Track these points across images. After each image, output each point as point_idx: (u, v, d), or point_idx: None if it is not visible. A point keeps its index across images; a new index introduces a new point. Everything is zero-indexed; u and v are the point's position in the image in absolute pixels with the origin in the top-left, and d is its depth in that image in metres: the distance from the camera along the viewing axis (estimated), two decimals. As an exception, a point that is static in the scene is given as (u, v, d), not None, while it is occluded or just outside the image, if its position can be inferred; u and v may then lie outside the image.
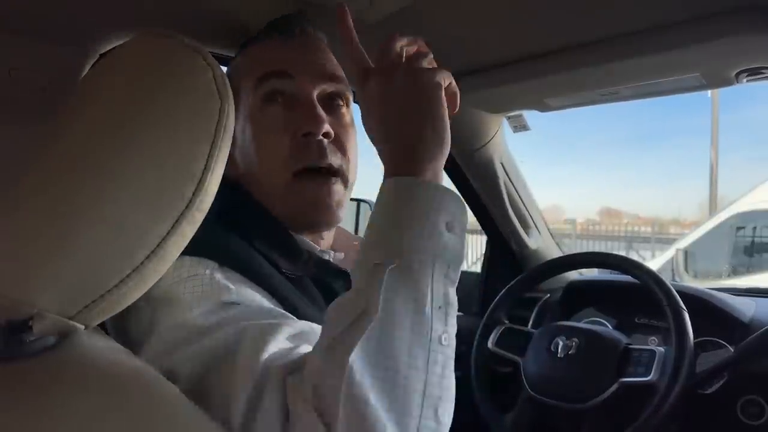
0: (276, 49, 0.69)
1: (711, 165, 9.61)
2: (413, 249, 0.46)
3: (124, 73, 0.45)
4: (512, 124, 1.30)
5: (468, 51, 1.00)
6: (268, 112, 0.67)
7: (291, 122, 0.65)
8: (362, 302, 0.45)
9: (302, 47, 0.70)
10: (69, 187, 0.41)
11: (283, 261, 0.64)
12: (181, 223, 0.43)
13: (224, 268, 0.58)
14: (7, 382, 0.38)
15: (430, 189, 0.49)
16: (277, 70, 0.67)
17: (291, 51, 0.69)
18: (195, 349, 0.51)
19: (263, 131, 0.67)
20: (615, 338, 1.06)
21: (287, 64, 0.67)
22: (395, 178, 0.50)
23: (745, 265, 4.44)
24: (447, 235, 0.48)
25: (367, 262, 0.46)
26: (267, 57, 0.69)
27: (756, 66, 0.83)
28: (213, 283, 0.56)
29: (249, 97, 0.68)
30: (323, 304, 0.66)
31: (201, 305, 0.53)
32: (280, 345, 0.49)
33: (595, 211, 23.22)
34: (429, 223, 0.47)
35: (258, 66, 0.68)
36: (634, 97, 1.03)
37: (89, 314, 0.42)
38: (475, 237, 8.16)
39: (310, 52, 0.70)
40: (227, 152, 0.47)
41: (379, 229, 0.49)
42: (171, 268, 0.55)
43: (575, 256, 1.34)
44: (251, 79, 0.68)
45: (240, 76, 0.70)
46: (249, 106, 0.68)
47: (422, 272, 0.46)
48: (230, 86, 0.68)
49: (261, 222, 0.68)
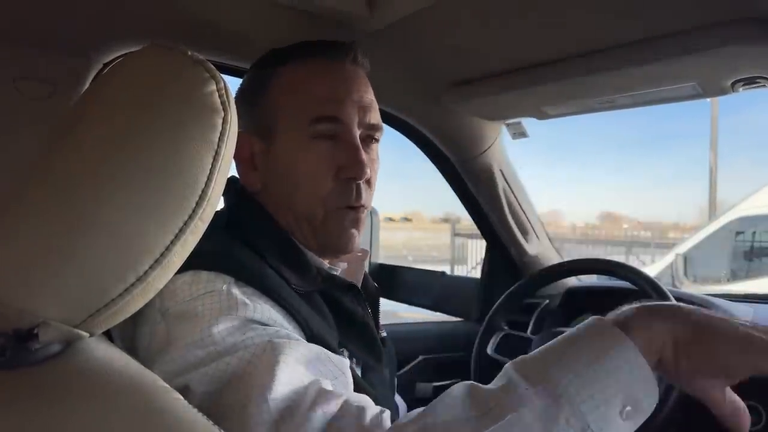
0: (327, 83, 0.70)
1: (710, 169, 9.62)
2: (570, 400, 0.43)
3: (128, 84, 0.46)
4: (511, 131, 1.31)
5: (467, 60, 1.01)
6: (314, 148, 0.69)
7: (335, 161, 0.69)
8: (492, 404, 0.44)
9: (352, 82, 0.71)
10: (73, 196, 0.41)
11: (293, 276, 0.65)
12: (184, 233, 0.44)
13: (240, 282, 0.58)
14: (14, 390, 0.38)
15: (625, 359, 0.45)
16: (330, 116, 0.69)
17: (341, 85, 0.70)
18: (212, 370, 0.51)
19: (308, 165, 0.69)
20: (613, 344, 1.06)
21: (339, 109, 0.69)
22: (603, 322, 0.49)
23: (744, 270, 4.44)
24: (616, 418, 0.44)
25: (522, 376, 0.46)
26: (319, 94, 0.69)
27: (751, 75, 0.84)
28: (230, 298, 0.56)
29: (296, 130, 0.69)
30: (332, 319, 0.67)
31: (219, 322, 0.54)
32: (296, 372, 0.50)
33: (595, 215, 23.21)
34: (604, 393, 0.43)
35: (311, 105, 0.69)
36: (631, 105, 1.03)
37: (94, 323, 0.42)
38: (475, 242, 8.19)
39: (357, 90, 0.71)
40: (230, 163, 0.47)
41: (554, 354, 0.48)
42: (187, 283, 0.56)
43: (574, 263, 1.35)
44: (303, 116, 0.69)
45: (287, 101, 0.70)
46: (296, 136, 0.69)
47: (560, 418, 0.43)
48: (270, 101, 0.70)
49: (274, 237, 0.69)
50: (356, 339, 0.70)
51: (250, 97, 0.73)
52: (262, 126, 0.71)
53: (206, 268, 0.58)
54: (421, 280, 1.74)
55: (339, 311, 0.69)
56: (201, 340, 0.53)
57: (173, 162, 0.43)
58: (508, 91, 1.03)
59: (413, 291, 1.73)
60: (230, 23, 0.83)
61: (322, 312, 0.67)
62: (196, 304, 0.55)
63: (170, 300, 0.56)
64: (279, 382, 0.48)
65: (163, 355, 0.54)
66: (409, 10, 0.80)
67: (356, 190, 0.70)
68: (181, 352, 0.53)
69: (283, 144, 0.70)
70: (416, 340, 1.45)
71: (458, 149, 1.31)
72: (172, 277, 0.56)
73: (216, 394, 0.51)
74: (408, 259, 9.37)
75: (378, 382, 0.72)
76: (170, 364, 0.53)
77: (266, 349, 0.51)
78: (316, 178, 0.69)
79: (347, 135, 0.69)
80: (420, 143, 1.33)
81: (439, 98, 1.14)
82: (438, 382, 1.41)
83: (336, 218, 0.70)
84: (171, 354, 0.53)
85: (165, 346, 0.55)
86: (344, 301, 0.71)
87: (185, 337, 0.54)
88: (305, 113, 0.69)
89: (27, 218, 0.41)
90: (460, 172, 1.36)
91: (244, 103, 0.72)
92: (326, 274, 0.72)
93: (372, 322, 0.76)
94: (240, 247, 0.64)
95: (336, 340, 0.66)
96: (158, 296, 0.56)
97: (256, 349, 0.52)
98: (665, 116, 30.21)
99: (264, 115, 0.71)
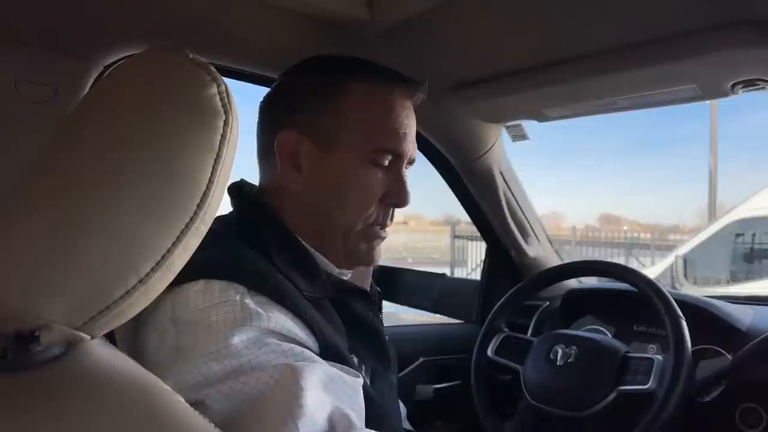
0: (398, 119, 0.74)
1: (710, 171, 9.62)
2: None
3: (130, 87, 0.46)
4: (511, 133, 1.32)
5: (467, 63, 1.01)
6: (371, 171, 0.72)
7: (384, 187, 0.73)
8: None
9: (412, 120, 0.77)
10: (74, 198, 0.41)
11: (304, 282, 0.65)
12: (185, 235, 0.44)
13: (252, 291, 0.58)
14: (15, 392, 0.38)
15: None
16: (396, 151, 0.73)
17: (406, 122, 0.75)
18: (229, 389, 0.51)
19: (361, 186, 0.72)
20: (614, 346, 1.06)
21: (401, 146, 0.73)
22: None
23: (744, 272, 4.45)
24: None
25: None
26: (390, 127, 0.73)
27: (751, 77, 0.84)
28: (244, 308, 0.56)
29: (360, 148, 0.71)
30: (341, 324, 0.67)
31: (235, 334, 0.54)
32: (319, 397, 0.51)
33: (595, 217, 23.21)
34: None
35: (380, 134, 0.72)
36: (631, 107, 1.04)
37: (95, 325, 0.42)
38: (475, 244, 8.18)
39: (413, 127, 0.77)
40: (231, 166, 0.47)
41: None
42: (200, 292, 0.56)
43: (574, 265, 1.35)
44: (370, 141, 0.71)
45: (358, 120, 0.71)
46: (356, 155, 0.71)
47: None
48: (339, 112, 0.71)
49: (285, 242, 0.69)
50: (366, 345, 0.71)
51: (309, 98, 0.72)
52: (320, 131, 0.71)
53: (219, 277, 0.58)
54: (421, 282, 1.74)
55: (349, 317, 0.69)
56: (216, 352, 0.53)
57: (174, 164, 0.43)
58: (508, 93, 1.04)
59: (413, 293, 1.73)
60: (232, 26, 0.84)
61: (333, 318, 0.67)
62: (210, 314, 0.55)
63: (182, 308, 0.56)
64: (306, 407, 0.49)
65: (176, 364, 0.54)
66: (409, 14, 0.81)
67: (391, 214, 0.76)
68: (196, 364, 0.53)
69: (342, 157, 0.71)
70: (416, 343, 1.45)
71: (459, 151, 1.32)
72: (184, 285, 0.56)
73: (235, 413, 0.51)
74: (408, 261, 9.37)
75: (386, 387, 0.72)
76: (185, 376, 0.52)
77: (285, 373, 0.52)
78: (366, 198, 0.72)
79: (400, 168, 0.75)
80: (420, 145, 1.32)
81: (439, 101, 1.14)
82: (438, 384, 1.41)
83: (369, 234, 0.74)
84: (185, 365, 0.53)
85: (176, 355, 0.54)
86: (354, 307, 0.71)
87: (199, 348, 0.53)
88: (372, 139, 0.71)
89: (28, 220, 0.42)
90: (461, 174, 1.37)
91: (297, 102, 0.72)
92: (336, 280, 0.72)
93: (382, 327, 0.77)
94: (252, 255, 0.63)
95: (346, 344, 0.66)
96: (170, 304, 0.57)
97: (274, 372, 0.52)
98: (665, 118, 30.28)
99: (326, 122, 0.71)
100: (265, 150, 0.74)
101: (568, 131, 37.51)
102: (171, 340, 0.55)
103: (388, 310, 0.98)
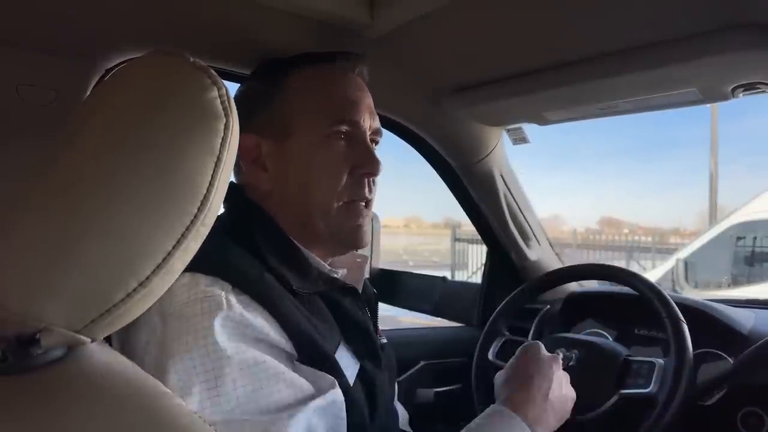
0: (345, 89, 0.75)
1: (711, 175, 9.62)
2: None
3: (131, 90, 0.46)
4: (512, 136, 1.32)
5: (467, 66, 1.01)
6: (331, 146, 0.72)
7: (350, 159, 0.73)
8: None
9: (363, 89, 0.77)
10: (75, 201, 0.41)
11: (294, 278, 0.66)
12: (186, 238, 0.44)
13: (237, 290, 0.60)
14: (16, 394, 0.39)
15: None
16: (350, 120, 0.73)
17: (356, 92, 0.75)
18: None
19: (327, 161, 0.72)
20: (614, 350, 1.06)
21: (356, 111, 0.74)
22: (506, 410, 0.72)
23: (745, 275, 4.44)
24: None
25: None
26: (338, 97, 0.74)
27: (751, 81, 0.84)
28: (229, 306, 0.58)
29: (314, 129, 0.72)
30: (333, 321, 0.68)
31: (219, 331, 0.56)
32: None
33: (596, 220, 23.19)
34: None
35: (331, 107, 0.73)
36: (632, 111, 1.04)
37: (96, 327, 0.42)
38: (476, 247, 8.18)
39: (367, 96, 0.77)
40: (231, 168, 0.47)
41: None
42: (186, 285, 0.57)
43: (575, 268, 1.34)
44: (322, 117, 0.72)
45: (304, 103, 0.73)
46: (313, 135, 0.72)
47: None
48: (284, 103, 0.73)
49: (276, 239, 0.70)
50: (355, 341, 0.71)
51: (259, 100, 0.75)
52: (274, 127, 0.73)
53: (205, 272, 0.59)
54: (421, 286, 1.74)
55: (339, 313, 0.70)
56: (204, 347, 0.55)
57: (175, 167, 0.43)
58: (508, 96, 1.04)
59: (414, 296, 1.72)
60: (232, 30, 0.84)
61: (323, 313, 0.68)
62: (195, 308, 0.56)
63: (167, 301, 0.57)
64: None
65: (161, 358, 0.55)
66: (410, 17, 0.81)
67: (368, 185, 0.75)
68: (181, 361, 0.54)
69: (300, 143, 0.72)
70: (417, 346, 1.45)
71: (459, 155, 1.32)
72: None
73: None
74: (409, 265, 9.37)
75: (376, 382, 0.72)
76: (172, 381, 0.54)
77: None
78: (334, 173, 0.72)
79: (362, 136, 0.74)
80: (421, 149, 1.33)
81: (440, 104, 1.14)
82: (439, 387, 1.40)
83: (350, 211, 0.74)
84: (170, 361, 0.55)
85: (161, 347, 0.56)
86: (344, 304, 0.71)
87: (184, 341, 0.55)
88: (324, 114, 0.72)
89: (29, 223, 0.42)
90: (461, 177, 1.37)
91: (250, 107, 0.73)
92: (326, 277, 0.72)
93: (372, 326, 0.77)
94: (240, 252, 0.64)
95: (336, 341, 0.67)
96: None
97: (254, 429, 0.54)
98: (666, 122, 30.33)
99: (277, 116, 0.73)
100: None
101: (569, 134, 37.58)
102: (158, 333, 0.57)
103: (388, 314, 0.98)
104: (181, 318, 0.56)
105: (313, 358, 0.62)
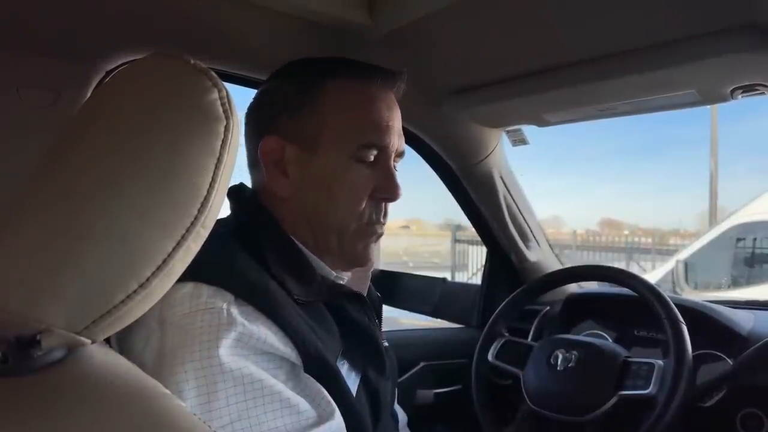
0: (378, 112, 0.73)
1: (711, 176, 9.61)
2: None
3: (132, 92, 0.46)
4: (511, 138, 1.32)
5: (467, 67, 1.02)
6: (357, 168, 0.71)
7: (372, 182, 0.72)
8: None
9: (395, 112, 0.75)
10: (76, 203, 0.41)
11: (297, 286, 0.65)
12: (186, 240, 0.44)
13: (240, 300, 0.59)
14: (16, 396, 0.39)
15: None
16: (380, 145, 0.72)
17: (388, 114, 0.73)
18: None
19: (351, 183, 0.71)
20: (614, 351, 1.06)
21: (387, 136, 0.72)
22: None
23: (745, 276, 4.43)
24: None
25: None
26: (371, 121, 0.72)
27: (750, 83, 0.84)
28: (230, 319, 0.56)
29: (343, 148, 0.71)
30: (335, 329, 0.68)
31: (219, 345, 0.55)
32: None
33: (596, 222, 23.17)
34: None
35: (362, 130, 0.71)
36: (631, 112, 1.04)
37: (96, 329, 0.42)
38: (476, 248, 8.17)
39: (397, 119, 0.75)
40: (232, 170, 0.48)
41: None
42: (188, 295, 0.57)
43: (574, 269, 1.35)
44: (352, 138, 0.71)
45: (337, 119, 0.71)
46: (340, 154, 0.71)
47: None
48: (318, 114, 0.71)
49: (281, 245, 0.69)
50: (359, 348, 0.70)
51: (288, 103, 0.72)
52: (302, 136, 0.71)
53: (208, 281, 0.58)
54: (421, 287, 1.74)
55: (344, 320, 0.69)
56: (200, 361, 0.54)
57: (175, 169, 0.43)
58: (508, 98, 1.04)
59: (414, 297, 1.72)
60: (233, 32, 0.84)
61: (326, 321, 0.67)
62: (195, 320, 0.56)
63: (168, 310, 0.57)
64: None
65: (158, 364, 0.55)
66: (410, 19, 0.81)
67: (385, 209, 0.75)
68: (175, 374, 0.54)
69: (327, 158, 0.71)
70: (417, 347, 1.45)
71: (459, 156, 1.32)
72: (173, 286, 0.57)
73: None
74: (409, 266, 9.37)
75: (380, 391, 0.72)
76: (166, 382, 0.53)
77: None
78: (357, 195, 0.71)
79: (387, 161, 0.74)
80: (421, 150, 1.33)
81: (439, 106, 1.14)
82: (439, 388, 1.40)
83: (364, 232, 0.73)
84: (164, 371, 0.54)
85: (159, 358, 0.55)
86: (349, 310, 0.71)
87: (181, 354, 0.54)
88: (354, 136, 0.71)
89: (30, 225, 0.42)
90: (461, 178, 1.37)
91: (277, 108, 0.72)
92: (331, 283, 0.72)
93: (378, 332, 0.76)
94: (244, 258, 0.64)
95: (338, 350, 0.66)
96: (158, 304, 0.57)
97: None
98: (666, 123, 30.29)
99: (307, 125, 0.71)
100: (252, 158, 0.75)
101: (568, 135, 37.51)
102: (156, 339, 0.56)
103: (388, 315, 0.98)
104: (180, 329, 0.55)
105: (317, 367, 0.61)
